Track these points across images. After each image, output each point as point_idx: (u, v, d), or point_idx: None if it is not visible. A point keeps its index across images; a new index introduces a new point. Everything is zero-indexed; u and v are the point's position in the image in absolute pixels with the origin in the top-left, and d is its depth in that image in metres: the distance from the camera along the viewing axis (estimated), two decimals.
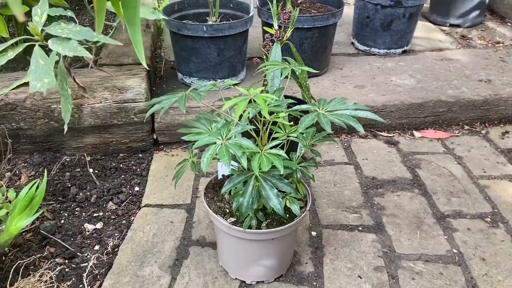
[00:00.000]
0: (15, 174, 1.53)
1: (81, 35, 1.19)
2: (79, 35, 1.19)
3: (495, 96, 1.84)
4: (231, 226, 1.02)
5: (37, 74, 1.15)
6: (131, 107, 1.58)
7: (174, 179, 1.05)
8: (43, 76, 1.13)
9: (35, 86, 1.14)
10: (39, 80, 1.14)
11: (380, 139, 1.78)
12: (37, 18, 1.27)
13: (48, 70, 1.14)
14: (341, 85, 1.90)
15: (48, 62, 1.16)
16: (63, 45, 1.16)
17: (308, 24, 1.78)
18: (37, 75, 1.14)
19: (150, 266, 1.20)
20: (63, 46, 1.16)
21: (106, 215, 1.39)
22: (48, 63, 1.16)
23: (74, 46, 1.17)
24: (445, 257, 1.23)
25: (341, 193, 1.48)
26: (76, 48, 1.17)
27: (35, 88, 1.14)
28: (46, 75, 1.13)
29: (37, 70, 1.14)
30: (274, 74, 1.22)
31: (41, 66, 1.15)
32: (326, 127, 0.86)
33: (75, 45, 1.17)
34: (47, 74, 1.14)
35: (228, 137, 0.89)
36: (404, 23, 2.09)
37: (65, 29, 1.19)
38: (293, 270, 1.19)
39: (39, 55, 1.17)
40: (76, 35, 1.19)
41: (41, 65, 1.15)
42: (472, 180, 1.54)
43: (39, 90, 1.13)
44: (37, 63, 1.15)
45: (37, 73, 1.15)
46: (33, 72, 1.15)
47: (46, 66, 1.15)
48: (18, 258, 1.20)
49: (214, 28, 1.65)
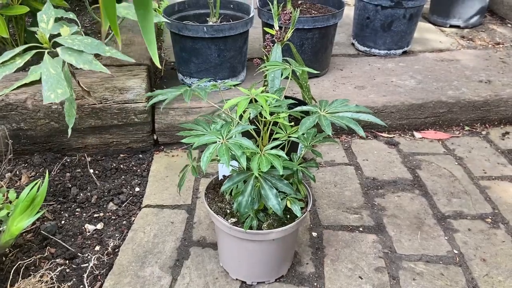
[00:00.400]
0: (16, 175, 1.53)
1: (93, 49, 1.17)
2: (91, 48, 1.17)
3: (496, 97, 1.84)
4: (232, 226, 1.02)
5: (49, 84, 1.13)
6: (132, 107, 1.58)
7: (178, 186, 1.05)
8: (55, 86, 1.12)
9: (48, 97, 1.12)
10: (52, 90, 1.12)
11: (381, 140, 1.78)
12: (44, 24, 1.26)
13: (60, 80, 1.13)
14: (342, 85, 1.90)
15: (59, 72, 1.15)
16: (76, 57, 1.15)
17: (309, 25, 1.78)
18: (49, 85, 1.13)
19: (150, 267, 1.20)
20: (75, 58, 1.15)
21: (106, 215, 1.39)
22: (59, 73, 1.14)
23: (89, 59, 1.16)
24: (446, 258, 1.23)
25: (342, 193, 1.48)
26: (91, 62, 1.16)
27: (49, 99, 1.12)
28: (58, 85, 1.12)
29: (49, 80, 1.13)
30: (275, 74, 1.22)
31: (52, 76, 1.14)
32: (327, 130, 0.86)
33: (90, 58, 1.16)
34: (60, 84, 1.12)
35: (228, 137, 0.89)
36: (404, 24, 2.09)
37: (75, 40, 1.18)
38: (294, 271, 1.19)
39: (50, 64, 1.16)
40: (87, 48, 1.17)
41: (52, 75, 1.14)
42: (473, 181, 1.54)
43: (53, 101, 1.11)
44: (48, 72, 1.14)
45: (49, 83, 1.13)
46: (45, 82, 1.13)
47: (58, 76, 1.13)
48: (18, 259, 1.20)
49: (215, 29, 1.65)
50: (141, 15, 0.71)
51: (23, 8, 1.58)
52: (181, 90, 0.94)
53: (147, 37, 0.76)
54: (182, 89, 0.94)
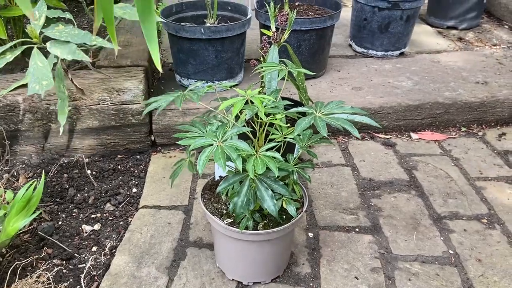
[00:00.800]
0: (13, 176, 1.53)
1: (80, 39, 1.19)
2: (78, 39, 1.19)
3: (492, 98, 1.85)
4: (228, 227, 1.03)
5: (36, 76, 1.15)
6: (129, 108, 1.58)
7: (171, 178, 1.05)
8: (41, 78, 1.14)
9: (33, 88, 1.15)
10: (37, 82, 1.14)
11: (377, 140, 1.78)
12: (35, 21, 1.28)
13: (47, 73, 1.15)
14: (339, 87, 1.91)
15: (46, 65, 1.16)
16: (62, 48, 1.16)
17: (306, 26, 1.79)
18: (35, 78, 1.15)
19: (147, 267, 1.20)
20: (61, 49, 1.16)
21: (103, 216, 1.39)
22: (46, 66, 1.16)
23: (73, 49, 1.17)
24: (442, 258, 1.24)
25: (338, 194, 1.48)
26: (75, 52, 1.17)
27: (34, 90, 1.14)
28: (44, 77, 1.14)
29: (35, 73, 1.15)
30: (271, 75, 1.22)
31: (39, 68, 1.15)
32: (322, 131, 0.87)
33: (73, 48, 1.18)
34: (45, 76, 1.14)
35: (224, 139, 0.90)
36: (401, 26, 2.10)
37: (63, 32, 1.19)
38: (290, 271, 1.19)
39: (38, 58, 1.18)
40: (74, 38, 1.19)
41: (39, 67, 1.15)
42: (469, 182, 1.55)
43: (38, 92, 1.14)
44: (35, 65, 1.15)
45: (36, 76, 1.15)
46: (31, 75, 1.15)
47: (44, 68, 1.15)
48: (15, 259, 1.20)
49: (212, 30, 1.65)
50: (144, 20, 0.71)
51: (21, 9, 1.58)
52: (174, 96, 0.94)
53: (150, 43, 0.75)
54: (175, 95, 0.95)
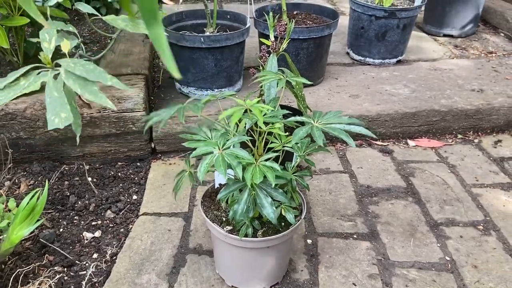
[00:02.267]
0: (15, 183, 1.55)
1: (95, 77, 1.16)
2: (93, 76, 1.16)
3: (488, 105, 1.87)
4: (227, 234, 1.04)
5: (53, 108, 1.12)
6: (130, 116, 1.60)
7: (174, 190, 1.07)
8: (59, 110, 1.11)
9: (52, 122, 1.10)
10: (56, 114, 1.11)
11: (375, 148, 1.80)
12: (47, 44, 1.26)
13: (64, 104, 1.12)
14: (336, 94, 1.93)
15: (62, 95, 1.14)
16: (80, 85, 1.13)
17: (304, 35, 1.82)
18: (52, 109, 1.12)
19: (147, 274, 1.21)
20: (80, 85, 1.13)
21: (104, 223, 1.41)
22: (63, 96, 1.14)
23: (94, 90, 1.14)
24: (438, 265, 1.25)
25: (336, 201, 1.50)
26: (97, 94, 1.14)
27: (53, 124, 1.10)
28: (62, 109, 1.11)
29: (52, 103, 1.12)
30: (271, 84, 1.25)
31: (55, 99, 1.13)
32: (318, 140, 0.89)
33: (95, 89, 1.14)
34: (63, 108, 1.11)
35: (225, 147, 0.92)
36: (398, 34, 2.13)
37: (77, 66, 1.17)
38: (289, 278, 1.21)
39: (53, 87, 1.15)
40: (90, 74, 1.16)
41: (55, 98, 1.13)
42: (465, 189, 1.57)
43: (58, 126, 1.10)
44: (51, 94, 1.13)
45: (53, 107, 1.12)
46: (49, 105, 1.12)
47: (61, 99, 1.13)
48: (17, 266, 1.22)
49: (212, 39, 1.68)
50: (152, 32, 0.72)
51: (23, 19, 1.61)
52: (175, 109, 0.96)
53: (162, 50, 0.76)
54: (175, 108, 0.97)
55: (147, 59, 1.93)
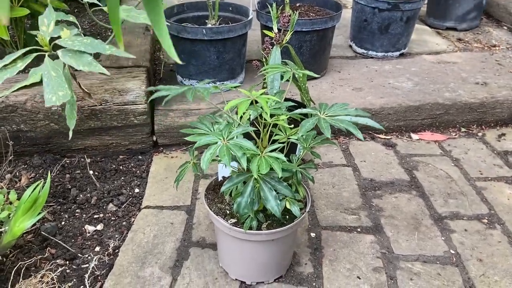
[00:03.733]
0: (15, 176, 1.53)
1: (93, 48, 1.17)
2: (91, 48, 1.17)
3: (492, 99, 1.86)
4: (232, 227, 1.03)
5: (50, 87, 1.13)
6: (131, 109, 1.59)
7: (175, 181, 1.06)
8: (56, 89, 1.12)
9: (50, 99, 1.12)
10: (54, 93, 1.12)
11: (378, 141, 1.79)
12: (45, 28, 1.27)
13: (61, 83, 1.13)
14: (339, 87, 1.92)
15: (60, 74, 1.15)
16: (76, 59, 1.15)
17: (307, 27, 1.80)
18: (50, 88, 1.13)
19: (150, 267, 1.21)
20: (76, 59, 1.15)
21: (106, 216, 1.40)
22: (60, 75, 1.15)
23: (89, 60, 1.16)
24: (443, 258, 1.25)
25: (340, 194, 1.49)
26: (91, 64, 1.15)
27: (51, 102, 1.12)
28: (59, 87, 1.12)
29: (50, 83, 1.13)
30: (274, 77, 1.23)
31: (53, 78, 1.14)
32: (326, 132, 0.88)
33: (89, 59, 1.16)
34: (61, 86, 1.12)
35: (229, 138, 0.90)
36: (401, 27, 2.11)
37: (75, 41, 1.18)
38: (293, 271, 1.20)
39: (51, 67, 1.16)
40: (88, 47, 1.17)
41: (53, 78, 1.14)
42: (469, 182, 1.56)
43: (55, 103, 1.11)
44: (49, 75, 1.14)
45: (50, 86, 1.13)
46: (46, 85, 1.13)
47: (59, 78, 1.14)
48: (19, 260, 1.21)
49: (214, 31, 1.66)
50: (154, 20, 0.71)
51: (23, 10, 1.59)
52: (184, 88, 0.95)
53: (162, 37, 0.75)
54: (185, 87, 0.95)
55: (148, 51, 1.91)
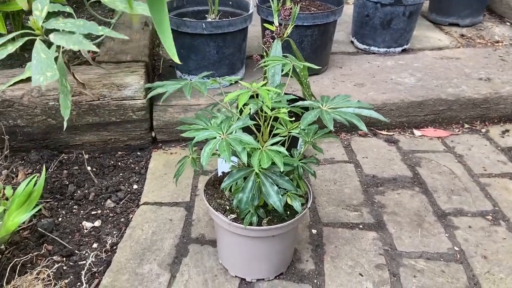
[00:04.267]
0: (12, 172, 1.51)
1: (86, 29, 1.16)
2: (84, 29, 1.16)
3: (495, 94, 1.83)
4: (231, 222, 1.01)
5: (39, 68, 1.12)
6: (130, 104, 1.57)
7: (175, 177, 1.03)
8: (45, 69, 1.11)
9: (37, 79, 1.11)
10: (42, 73, 1.11)
11: (380, 137, 1.77)
12: (38, 12, 1.25)
13: (51, 64, 1.12)
14: (341, 83, 1.89)
15: (50, 56, 1.13)
16: (67, 38, 1.13)
17: (308, 21, 1.77)
18: (39, 69, 1.11)
19: (149, 264, 1.18)
20: (66, 39, 1.13)
21: (104, 213, 1.38)
22: (50, 57, 1.13)
23: (79, 39, 1.14)
24: (447, 255, 1.22)
25: (341, 191, 1.47)
26: (82, 42, 1.14)
27: (38, 81, 1.11)
28: (48, 68, 1.11)
29: (39, 64, 1.12)
30: (275, 70, 1.21)
31: (43, 60, 1.12)
32: (329, 124, 0.85)
33: (80, 38, 1.14)
34: (49, 67, 1.11)
35: (228, 132, 0.88)
36: (404, 22, 2.08)
37: (68, 23, 1.16)
38: (294, 268, 1.18)
39: (41, 49, 1.15)
40: (80, 29, 1.16)
41: (43, 59, 1.12)
42: (473, 178, 1.53)
43: (42, 83, 1.10)
44: (38, 57, 1.12)
45: (39, 67, 1.12)
46: (35, 66, 1.12)
47: (48, 59, 1.12)
48: (15, 256, 1.18)
49: (214, 25, 1.64)
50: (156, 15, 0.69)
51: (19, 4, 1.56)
52: (181, 83, 0.93)
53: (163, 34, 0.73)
54: (182, 82, 0.93)
55: (147, 46, 1.89)
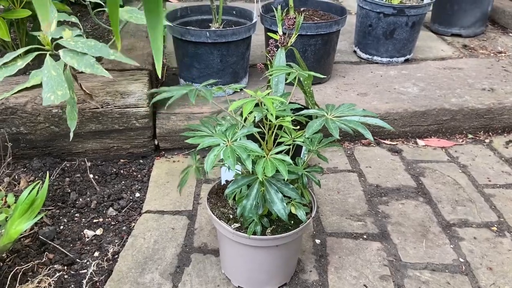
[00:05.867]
0: (14, 179, 1.50)
1: (97, 51, 1.16)
2: (95, 51, 1.16)
3: (499, 105, 1.83)
4: (235, 232, 1.00)
5: (50, 86, 1.11)
6: (133, 112, 1.56)
7: (179, 186, 1.03)
8: (56, 88, 1.10)
9: (48, 98, 1.10)
10: (53, 92, 1.11)
11: (384, 147, 1.76)
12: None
13: (61, 82, 1.11)
14: (344, 92, 1.89)
15: (60, 73, 1.13)
16: (78, 60, 1.13)
17: (312, 31, 1.78)
18: (49, 87, 1.11)
19: (151, 273, 1.17)
20: (77, 60, 1.13)
21: (106, 221, 1.37)
22: (60, 74, 1.13)
23: (91, 62, 1.14)
24: (452, 266, 1.21)
25: (345, 200, 1.46)
26: (93, 66, 1.14)
27: (49, 101, 1.10)
28: (59, 87, 1.10)
29: (50, 82, 1.11)
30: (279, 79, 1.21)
31: (53, 77, 1.12)
32: (334, 133, 0.85)
33: (92, 61, 1.14)
34: (60, 86, 1.11)
35: (233, 139, 0.88)
36: (406, 32, 2.09)
37: (78, 43, 1.16)
38: (297, 279, 1.16)
39: (51, 66, 1.14)
40: (91, 50, 1.15)
41: (53, 77, 1.12)
42: (477, 189, 1.52)
43: (53, 102, 1.10)
44: (49, 74, 1.12)
45: (50, 85, 1.11)
46: (45, 84, 1.12)
47: (59, 77, 1.12)
48: (16, 264, 1.17)
49: (217, 34, 1.64)
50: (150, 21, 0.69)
51: (25, 11, 1.57)
52: (188, 89, 0.92)
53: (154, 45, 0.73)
54: (188, 88, 0.93)
55: (151, 54, 1.89)
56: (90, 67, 1.15)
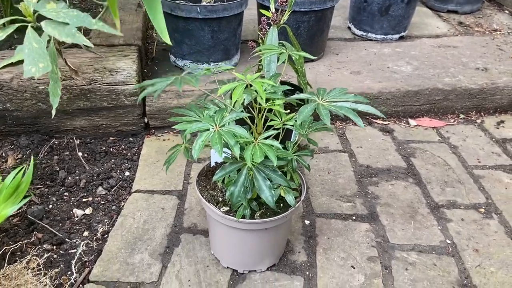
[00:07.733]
0: (1, 157, 1.48)
1: (79, 21, 1.12)
2: (77, 21, 1.11)
3: (492, 85, 1.82)
4: (224, 215, 1.00)
5: (31, 58, 1.08)
6: (122, 89, 1.53)
7: (165, 164, 1.02)
8: (37, 60, 1.07)
9: (29, 71, 1.07)
10: (34, 64, 1.07)
11: (375, 126, 1.75)
12: None
13: (43, 54, 1.08)
14: (337, 70, 1.87)
15: (43, 46, 1.09)
16: (59, 30, 1.09)
17: (305, 7, 1.74)
18: (31, 59, 1.08)
19: (140, 254, 1.17)
20: (59, 30, 1.09)
21: (95, 200, 1.36)
22: (43, 47, 1.09)
23: (73, 32, 1.10)
24: (439, 248, 1.22)
25: (335, 181, 1.46)
26: (75, 35, 1.10)
27: (30, 73, 1.07)
28: (40, 59, 1.07)
29: (31, 54, 1.08)
30: (271, 59, 1.18)
31: (35, 49, 1.08)
32: (325, 119, 0.83)
33: (73, 31, 1.10)
34: (42, 58, 1.07)
35: (221, 124, 0.86)
36: (402, 8, 2.05)
37: (60, 12, 1.12)
38: (286, 259, 1.17)
39: (33, 38, 1.11)
40: (73, 20, 1.11)
41: (35, 49, 1.08)
42: (467, 170, 1.53)
43: (34, 75, 1.07)
44: (30, 46, 1.08)
45: (31, 57, 1.08)
46: (27, 56, 1.08)
47: (40, 49, 1.08)
48: (4, 244, 1.17)
49: (208, 9, 1.60)
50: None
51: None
52: (171, 79, 0.90)
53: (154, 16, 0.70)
54: (172, 78, 0.90)
55: (140, 29, 1.84)
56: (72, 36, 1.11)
